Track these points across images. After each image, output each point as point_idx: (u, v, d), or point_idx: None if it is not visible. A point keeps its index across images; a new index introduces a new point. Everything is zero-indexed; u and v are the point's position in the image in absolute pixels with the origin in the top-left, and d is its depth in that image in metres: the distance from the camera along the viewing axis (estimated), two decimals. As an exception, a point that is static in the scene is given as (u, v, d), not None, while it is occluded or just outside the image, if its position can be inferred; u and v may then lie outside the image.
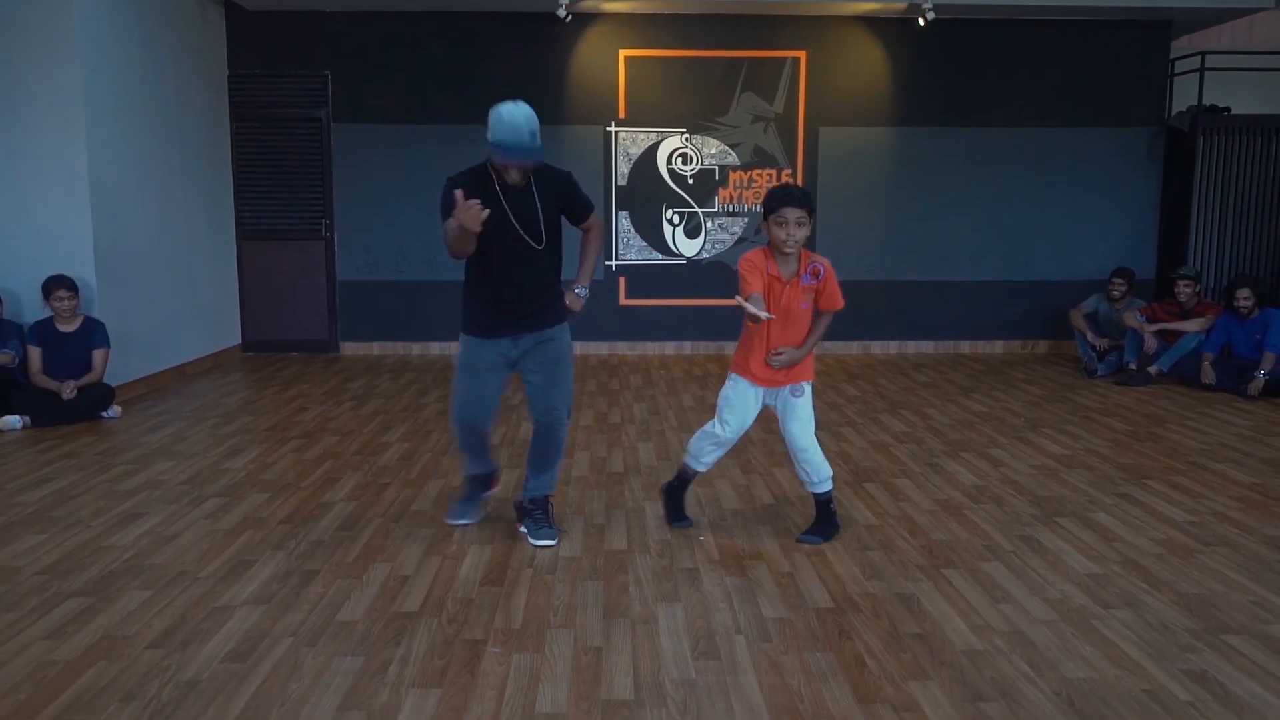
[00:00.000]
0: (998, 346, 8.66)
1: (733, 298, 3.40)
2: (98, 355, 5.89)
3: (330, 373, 7.50)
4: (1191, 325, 7.06)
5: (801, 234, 3.40)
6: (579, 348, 8.48)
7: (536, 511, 3.72)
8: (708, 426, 3.73)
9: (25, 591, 3.20)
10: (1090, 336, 7.49)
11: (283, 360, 8.07)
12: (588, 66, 8.22)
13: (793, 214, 3.39)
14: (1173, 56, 8.55)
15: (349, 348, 8.46)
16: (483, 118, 2.99)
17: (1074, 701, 2.52)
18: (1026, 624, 2.99)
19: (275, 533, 3.80)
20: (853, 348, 8.55)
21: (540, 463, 3.69)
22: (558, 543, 3.67)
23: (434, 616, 3.03)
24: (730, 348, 8.71)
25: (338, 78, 8.14)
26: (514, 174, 3.37)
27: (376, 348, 8.43)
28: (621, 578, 3.36)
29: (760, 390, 3.62)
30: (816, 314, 3.60)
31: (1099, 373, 7.36)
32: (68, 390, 5.66)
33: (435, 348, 8.42)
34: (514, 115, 3.25)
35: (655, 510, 4.07)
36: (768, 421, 5.59)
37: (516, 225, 3.40)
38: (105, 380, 5.92)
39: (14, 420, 5.53)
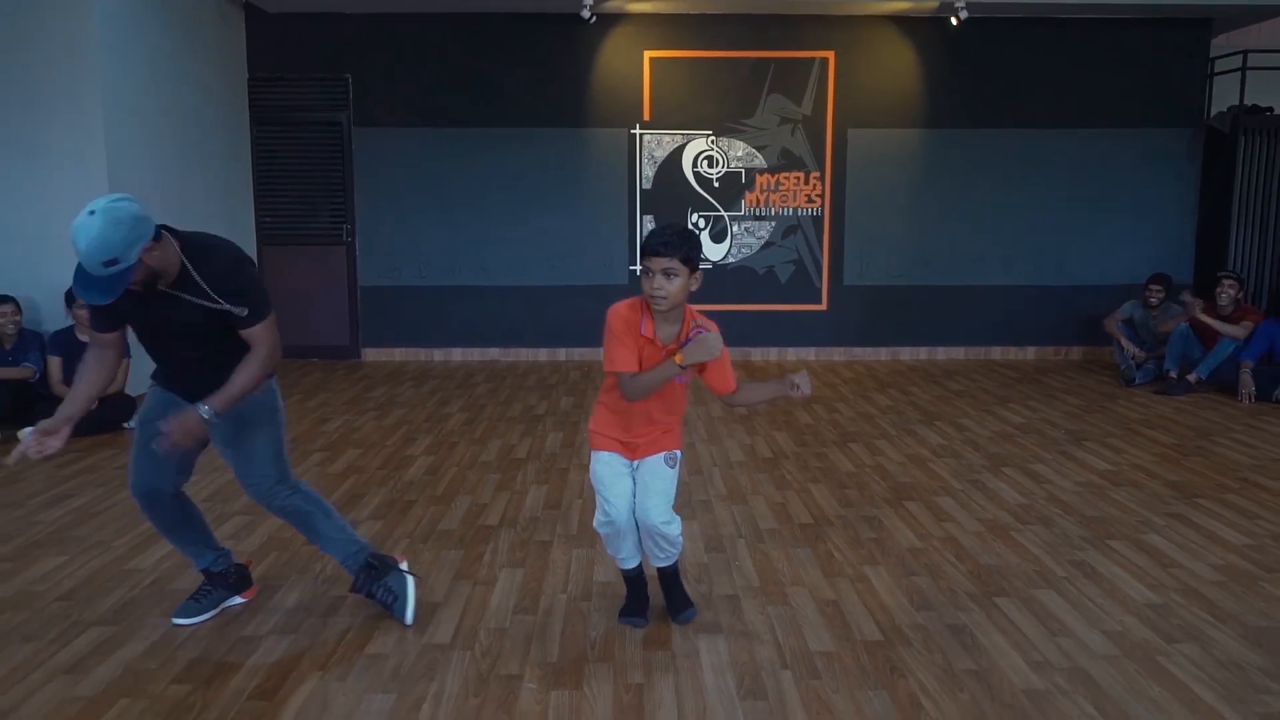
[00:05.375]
0: (1030, 353, 8.47)
1: (758, 303, 3.20)
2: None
3: (352, 380, 7.40)
4: (1234, 330, 6.85)
5: (672, 287, 2.71)
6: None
7: (361, 577, 3.08)
8: (595, 521, 2.98)
9: (46, 620, 3.11)
10: (1125, 344, 7.30)
11: (305, 367, 7.98)
12: (612, 68, 8.09)
13: (659, 263, 2.70)
14: (1212, 55, 8.33)
15: (371, 354, 8.36)
16: (506, 121, 2.70)
17: (1146, 749, 2.53)
18: (1087, 660, 2.84)
19: (298, 560, 3.69)
20: (881, 354, 8.38)
21: (313, 540, 3.12)
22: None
23: None
24: (758, 354, 8.66)
25: (358, 81, 8.04)
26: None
27: (399, 354, 8.33)
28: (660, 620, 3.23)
29: (630, 462, 2.95)
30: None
31: (1137, 381, 7.16)
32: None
33: (457, 354, 8.31)
34: (76, 231, 2.50)
35: (689, 530, 3.93)
36: (800, 435, 5.53)
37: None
38: (126, 390, 5.85)
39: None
